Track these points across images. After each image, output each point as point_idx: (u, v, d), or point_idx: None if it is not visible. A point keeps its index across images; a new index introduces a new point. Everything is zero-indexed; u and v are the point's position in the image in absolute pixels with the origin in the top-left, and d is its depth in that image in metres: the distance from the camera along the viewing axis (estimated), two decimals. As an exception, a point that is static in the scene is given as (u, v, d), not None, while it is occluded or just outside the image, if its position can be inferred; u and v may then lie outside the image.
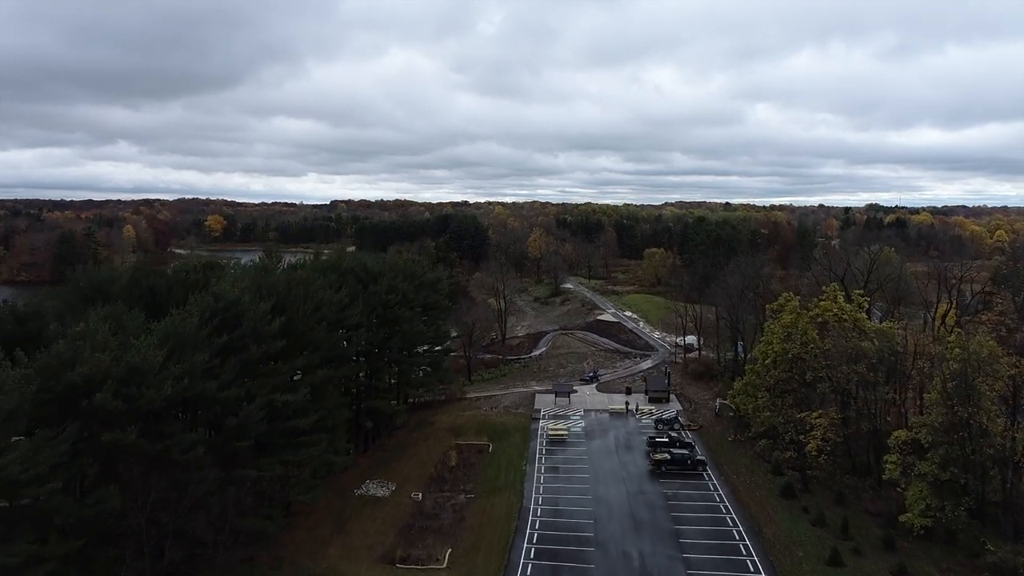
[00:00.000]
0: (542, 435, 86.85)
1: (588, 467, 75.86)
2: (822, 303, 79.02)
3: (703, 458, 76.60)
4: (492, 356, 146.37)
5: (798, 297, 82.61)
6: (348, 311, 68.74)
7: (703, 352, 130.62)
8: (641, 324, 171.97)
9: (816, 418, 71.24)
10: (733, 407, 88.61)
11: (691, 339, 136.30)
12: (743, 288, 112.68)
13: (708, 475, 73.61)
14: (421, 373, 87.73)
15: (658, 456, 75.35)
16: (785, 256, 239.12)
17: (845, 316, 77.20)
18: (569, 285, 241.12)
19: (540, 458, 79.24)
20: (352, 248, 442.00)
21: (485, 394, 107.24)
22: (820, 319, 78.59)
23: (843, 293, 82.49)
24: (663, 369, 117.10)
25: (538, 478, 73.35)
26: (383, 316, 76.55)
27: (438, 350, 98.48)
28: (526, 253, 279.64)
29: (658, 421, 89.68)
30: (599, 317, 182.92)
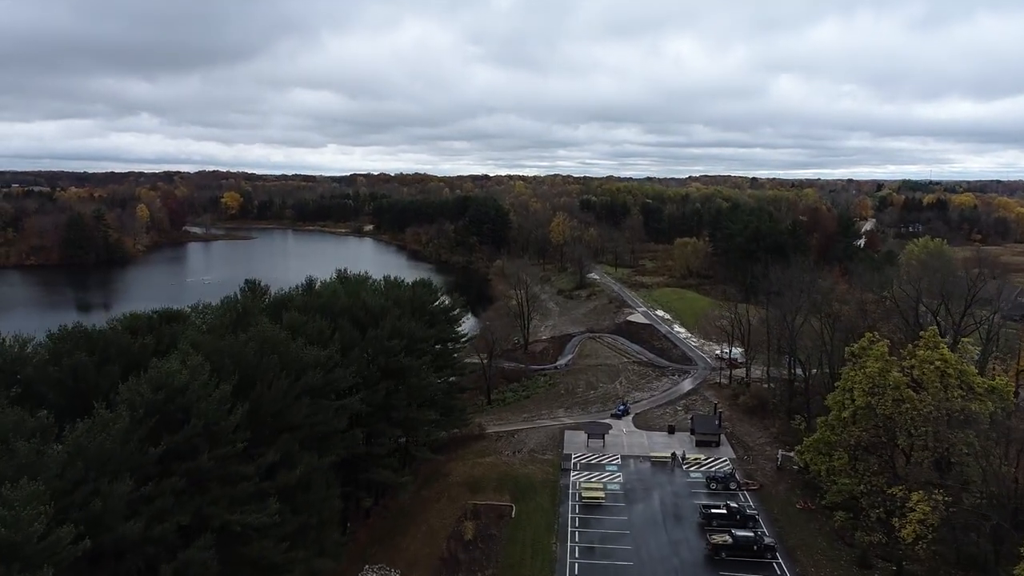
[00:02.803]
0: (574, 494, 74.09)
1: (631, 550, 62.81)
2: (920, 352, 64.43)
3: (772, 541, 63.13)
4: (514, 365, 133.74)
5: (887, 341, 67.99)
6: (339, 371, 55.52)
7: (750, 368, 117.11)
8: (676, 328, 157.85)
9: (918, 502, 57.25)
10: (800, 463, 74.86)
11: (737, 352, 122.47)
12: (801, 308, 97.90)
13: (780, 566, 60.37)
14: (430, 427, 74.27)
15: (716, 539, 62.08)
16: (826, 246, 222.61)
17: (949, 370, 62.72)
18: (595, 275, 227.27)
19: (572, 533, 66.44)
20: (370, 227, 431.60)
21: (506, 428, 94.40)
22: (915, 371, 64.20)
23: (945, 342, 67.84)
24: (711, 403, 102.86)
25: (571, 566, 60.64)
26: (385, 367, 63.26)
27: (451, 382, 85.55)
28: (548, 239, 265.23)
29: (710, 479, 76.19)
30: (629, 318, 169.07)
